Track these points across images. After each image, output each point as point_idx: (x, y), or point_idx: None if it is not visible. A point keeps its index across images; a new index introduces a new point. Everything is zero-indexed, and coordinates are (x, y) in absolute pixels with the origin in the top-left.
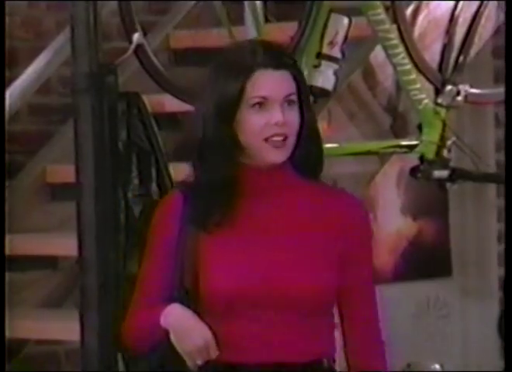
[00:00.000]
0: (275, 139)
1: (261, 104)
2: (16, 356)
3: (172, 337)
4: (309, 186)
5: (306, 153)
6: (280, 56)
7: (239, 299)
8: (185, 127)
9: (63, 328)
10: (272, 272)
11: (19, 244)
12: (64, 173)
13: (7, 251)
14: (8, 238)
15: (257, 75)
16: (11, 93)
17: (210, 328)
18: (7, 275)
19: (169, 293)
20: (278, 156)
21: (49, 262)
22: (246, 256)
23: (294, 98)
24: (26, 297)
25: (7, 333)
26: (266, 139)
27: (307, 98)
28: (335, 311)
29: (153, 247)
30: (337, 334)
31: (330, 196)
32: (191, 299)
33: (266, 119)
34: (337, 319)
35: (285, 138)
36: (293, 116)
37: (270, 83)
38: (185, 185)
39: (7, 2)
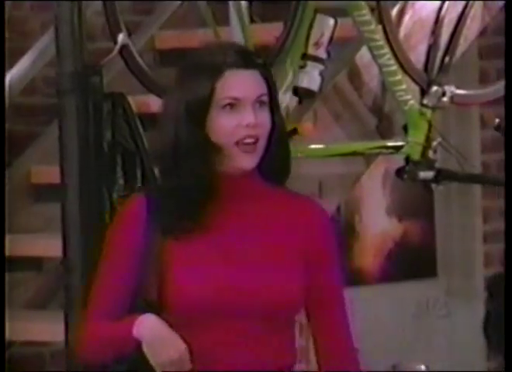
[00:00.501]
0: (247, 141)
1: (232, 105)
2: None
3: (145, 348)
4: (275, 193)
5: (275, 158)
6: (249, 56)
7: (208, 309)
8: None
9: (48, 329)
10: (243, 281)
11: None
12: (49, 173)
13: None
14: None
15: (227, 75)
16: None
17: (185, 340)
18: None
19: (129, 302)
20: (248, 161)
21: (34, 263)
22: (215, 265)
23: (265, 99)
24: (11, 298)
25: None
26: (237, 143)
27: (277, 100)
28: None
29: (113, 254)
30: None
31: (296, 203)
32: (154, 309)
33: (237, 121)
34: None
35: (257, 141)
36: (265, 118)
37: (241, 83)
38: (149, 190)
39: None
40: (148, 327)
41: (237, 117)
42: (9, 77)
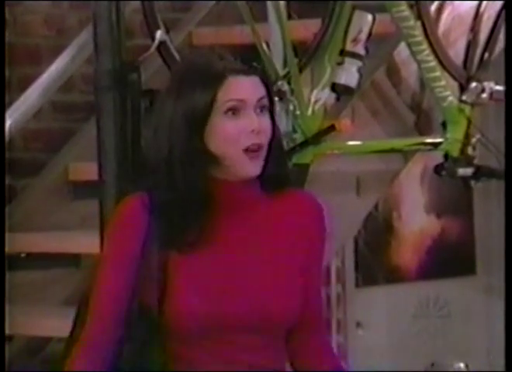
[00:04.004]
0: (252, 148)
1: (235, 110)
2: (39, 354)
3: None
4: (274, 200)
5: (274, 166)
6: (249, 63)
7: (210, 322)
8: None
9: None
10: (245, 294)
11: (41, 242)
12: (87, 170)
13: (30, 249)
14: (30, 236)
15: (229, 81)
16: (33, 91)
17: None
18: (29, 273)
19: (126, 310)
20: (254, 168)
21: (71, 260)
22: (218, 276)
23: (266, 102)
24: (49, 295)
25: (29, 332)
26: (245, 150)
27: (275, 106)
28: None
29: (112, 260)
30: None
31: (294, 206)
32: (151, 316)
33: (242, 127)
34: None
35: (260, 147)
36: (267, 124)
37: (242, 87)
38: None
39: (29, 1)
40: None
41: (241, 123)
42: (48, 74)
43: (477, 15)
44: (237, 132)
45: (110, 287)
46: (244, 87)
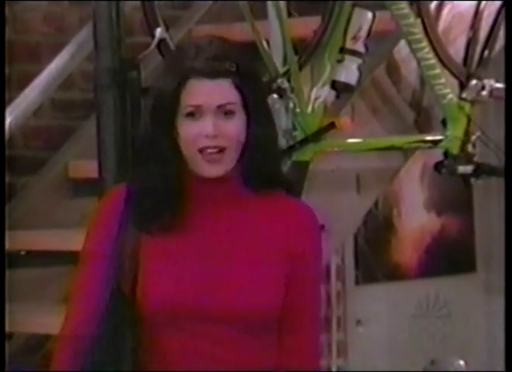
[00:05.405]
0: (210, 151)
1: (194, 114)
2: (38, 351)
3: None
4: (258, 198)
5: (256, 165)
6: (221, 64)
7: (177, 310)
8: None
9: None
10: (214, 283)
11: (41, 240)
12: (87, 168)
13: (30, 247)
14: (30, 234)
15: (191, 84)
16: (33, 88)
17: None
18: (29, 271)
19: (105, 297)
20: (213, 170)
21: (71, 257)
22: (188, 266)
23: (233, 107)
24: (49, 292)
25: (29, 329)
26: (200, 151)
27: (257, 107)
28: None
29: (93, 249)
30: None
31: (278, 207)
32: (127, 304)
33: (197, 130)
34: None
35: (221, 150)
36: (231, 127)
37: (202, 92)
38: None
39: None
40: None
41: (198, 126)
42: (47, 72)
43: (477, 13)
44: (194, 134)
45: (85, 278)
46: (204, 92)
